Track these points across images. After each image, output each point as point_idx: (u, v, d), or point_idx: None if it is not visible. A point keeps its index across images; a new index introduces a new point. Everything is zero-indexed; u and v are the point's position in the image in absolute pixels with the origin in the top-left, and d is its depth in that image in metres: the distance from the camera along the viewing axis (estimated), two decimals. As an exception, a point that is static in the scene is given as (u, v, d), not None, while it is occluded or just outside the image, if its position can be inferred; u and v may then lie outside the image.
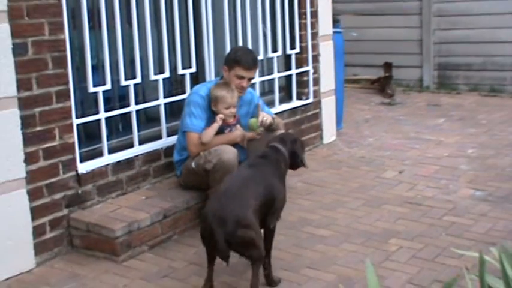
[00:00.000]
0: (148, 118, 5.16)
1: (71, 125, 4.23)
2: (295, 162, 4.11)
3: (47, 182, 4.11)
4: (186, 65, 5.17)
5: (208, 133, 4.48)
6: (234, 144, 4.51)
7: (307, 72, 6.46)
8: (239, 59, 4.62)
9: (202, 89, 4.65)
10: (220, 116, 4.47)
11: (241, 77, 4.62)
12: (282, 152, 3.99)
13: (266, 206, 3.68)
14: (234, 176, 3.86)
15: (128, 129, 4.81)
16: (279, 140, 4.09)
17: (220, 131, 4.52)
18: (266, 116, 4.68)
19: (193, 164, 4.52)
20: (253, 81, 5.07)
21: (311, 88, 6.51)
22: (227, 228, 3.39)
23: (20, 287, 3.82)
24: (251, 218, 3.48)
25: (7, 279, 3.88)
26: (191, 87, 4.98)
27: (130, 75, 4.73)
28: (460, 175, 5.65)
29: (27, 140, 3.96)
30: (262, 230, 3.75)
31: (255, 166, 3.88)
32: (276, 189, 3.79)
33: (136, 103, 4.78)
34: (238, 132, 4.59)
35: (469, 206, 4.93)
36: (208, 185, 4.44)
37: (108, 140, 4.61)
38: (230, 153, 4.36)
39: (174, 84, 5.38)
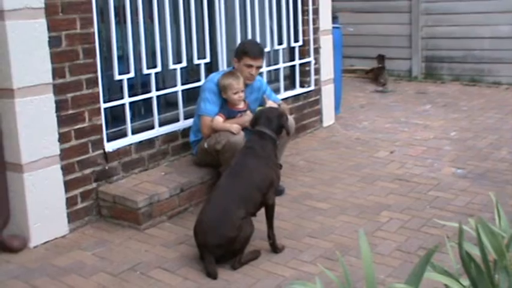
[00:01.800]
0: (167, 103, 5.15)
1: (99, 108, 4.24)
2: (282, 131, 4.05)
3: (78, 159, 4.13)
4: (201, 55, 5.16)
5: (219, 123, 4.45)
6: (244, 128, 4.50)
7: (309, 62, 6.43)
8: (247, 50, 4.61)
9: (216, 77, 4.64)
10: (237, 127, 4.39)
11: (249, 66, 4.60)
12: (268, 135, 3.89)
13: (261, 193, 3.68)
14: (218, 192, 3.67)
15: (149, 112, 4.81)
16: (265, 122, 3.94)
17: (231, 116, 4.52)
18: (273, 104, 4.65)
19: (205, 145, 4.52)
20: (261, 70, 5.05)
21: (312, 77, 6.48)
22: (213, 252, 3.47)
23: (55, 250, 3.85)
24: (233, 232, 3.46)
25: (45, 242, 3.93)
26: (206, 76, 4.98)
27: (151, 64, 4.72)
28: (443, 155, 5.64)
29: (61, 122, 3.98)
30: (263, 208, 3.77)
31: (239, 169, 3.73)
32: (265, 177, 3.73)
33: (157, 89, 4.78)
34: (247, 117, 4.56)
35: (451, 182, 4.92)
36: (219, 163, 4.45)
37: (131, 122, 4.62)
38: (237, 136, 4.36)
39: (190, 73, 5.36)
